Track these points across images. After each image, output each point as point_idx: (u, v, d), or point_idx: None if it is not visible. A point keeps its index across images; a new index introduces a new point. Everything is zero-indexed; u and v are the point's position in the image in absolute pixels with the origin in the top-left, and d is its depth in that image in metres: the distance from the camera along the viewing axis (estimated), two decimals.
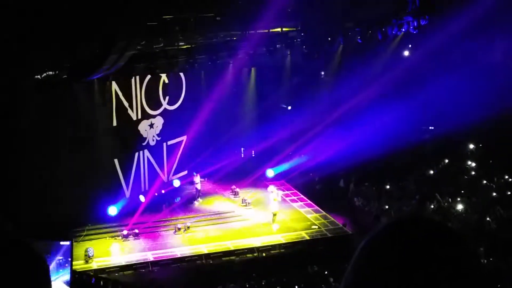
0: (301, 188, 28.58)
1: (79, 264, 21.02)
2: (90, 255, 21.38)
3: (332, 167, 29.20)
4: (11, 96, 19.50)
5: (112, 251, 22.53)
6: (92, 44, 19.17)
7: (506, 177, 28.70)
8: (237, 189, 28.17)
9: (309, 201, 26.98)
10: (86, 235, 23.37)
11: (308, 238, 23.75)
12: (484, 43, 31.87)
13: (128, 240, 23.23)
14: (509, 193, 27.11)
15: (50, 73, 20.59)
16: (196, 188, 27.13)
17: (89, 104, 23.98)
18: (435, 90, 31.71)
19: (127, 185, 25.97)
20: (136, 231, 23.56)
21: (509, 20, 29.95)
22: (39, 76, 20.31)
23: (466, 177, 29.28)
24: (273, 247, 22.82)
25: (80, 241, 22.85)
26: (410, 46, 31.93)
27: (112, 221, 24.51)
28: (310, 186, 26.75)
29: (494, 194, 27.13)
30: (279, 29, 25.05)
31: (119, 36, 18.72)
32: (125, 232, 23.41)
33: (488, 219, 24.30)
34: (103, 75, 21.68)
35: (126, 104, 25.47)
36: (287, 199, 27.80)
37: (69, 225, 23.09)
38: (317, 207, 26.50)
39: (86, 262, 21.25)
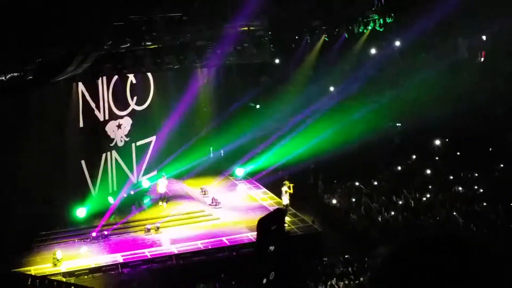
0: (270, 186, 28.64)
1: (47, 268, 20.85)
2: (59, 258, 21.14)
3: (301, 165, 29.36)
4: None
5: (81, 253, 22.30)
6: (58, 46, 18.95)
7: (472, 172, 29.11)
8: (207, 189, 28.13)
9: (278, 199, 27.02)
10: (54, 238, 23.10)
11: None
12: (449, 41, 32.32)
13: (97, 242, 23.04)
14: (475, 187, 27.50)
15: (15, 74, 20.29)
16: (159, 192, 26.76)
17: (55, 106, 23.74)
18: (402, 87, 32.08)
19: (95, 187, 25.75)
20: (105, 232, 23.39)
21: (471, 21, 30.48)
22: (3, 78, 20.00)
23: (433, 172, 29.62)
24: (244, 246, 22.80)
25: (47, 244, 22.61)
26: (377, 44, 32.17)
27: (81, 223, 24.28)
28: (279, 184, 26.75)
29: (460, 189, 27.50)
30: (246, 28, 25.03)
31: (85, 37, 18.56)
32: (94, 234, 23.22)
33: (454, 213, 24.62)
34: (69, 76, 21.46)
35: (93, 105, 25.26)
36: (256, 197, 27.86)
37: (36, 227, 22.86)
38: None
39: (55, 265, 21.01)
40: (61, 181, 23.92)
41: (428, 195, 27.00)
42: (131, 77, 26.98)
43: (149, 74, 27.75)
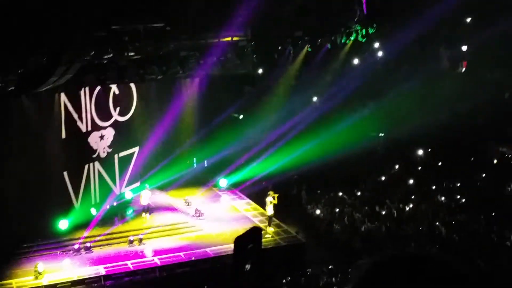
0: (254, 197, 28.60)
1: (28, 281, 20.62)
2: (40, 270, 20.91)
3: (285, 175, 29.38)
4: None
5: (63, 266, 22.09)
6: (40, 56, 18.85)
7: (454, 182, 29.27)
8: (190, 200, 28.02)
9: (262, 210, 26.96)
10: (36, 250, 22.87)
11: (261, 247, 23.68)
12: (431, 52, 32.59)
13: (80, 254, 22.83)
14: (458, 197, 27.64)
15: None
16: (143, 204, 26.63)
17: (38, 117, 23.58)
18: (385, 97, 32.24)
19: (77, 198, 25.55)
20: (88, 244, 23.19)
21: (453, 31, 30.83)
22: None
23: (415, 182, 29.73)
24: (227, 257, 22.70)
25: (29, 256, 22.37)
26: (360, 54, 32.35)
27: (63, 235, 24.07)
28: (263, 194, 26.81)
29: (443, 198, 27.63)
30: (229, 39, 25.06)
31: (67, 47, 18.48)
32: (76, 246, 23.01)
33: (437, 223, 24.71)
34: (52, 86, 21.33)
35: (75, 116, 25.09)
36: (240, 208, 27.80)
37: (18, 240, 22.64)
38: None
39: (36, 278, 20.78)
40: (43, 193, 23.71)
41: (411, 205, 27.09)
42: (114, 88, 26.85)
43: (132, 85, 27.65)
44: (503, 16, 28.51)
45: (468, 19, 32.40)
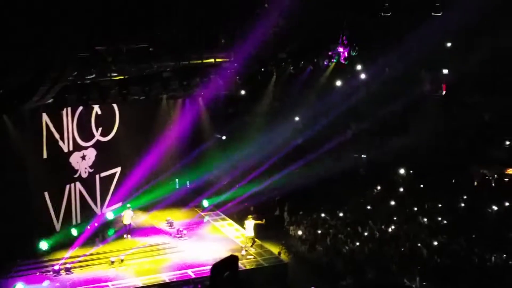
0: (236, 217, 28.57)
1: None
2: None
3: (267, 196, 29.43)
4: None
5: (43, 287, 21.84)
6: (22, 75, 18.77)
7: (436, 203, 29.44)
8: (172, 220, 27.93)
9: (243, 231, 26.88)
10: (16, 270, 22.61)
11: (243, 267, 23.66)
12: (413, 75, 32.98)
13: (60, 276, 22.60)
14: (439, 218, 27.78)
15: None
16: (124, 224, 26.47)
17: (19, 136, 23.42)
18: (368, 119, 32.50)
19: (58, 219, 25.37)
20: (68, 265, 22.97)
21: (435, 58, 31.24)
22: None
23: (397, 203, 29.85)
24: (208, 278, 22.53)
25: (8, 277, 22.12)
26: (342, 77, 32.63)
27: (43, 256, 23.85)
28: (245, 215, 26.73)
29: (425, 220, 27.74)
30: (212, 60, 25.14)
31: (49, 67, 18.43)
32: (56, 267, 22.79)
33: (419, 244, 24.77)
34: (34, 106, 21.25)
35: (57, 136, 25.01)
36: (221, 229, 27.73)
37: None
38: None
39: None
40: (24, 213, 23.49)
41: (393, 226, 27.16)
42: (96, 108, 26.83)
43: (115, 105, 27.64)
44: (482, 41, 28.99)
45: (449, 44, 32.88)
